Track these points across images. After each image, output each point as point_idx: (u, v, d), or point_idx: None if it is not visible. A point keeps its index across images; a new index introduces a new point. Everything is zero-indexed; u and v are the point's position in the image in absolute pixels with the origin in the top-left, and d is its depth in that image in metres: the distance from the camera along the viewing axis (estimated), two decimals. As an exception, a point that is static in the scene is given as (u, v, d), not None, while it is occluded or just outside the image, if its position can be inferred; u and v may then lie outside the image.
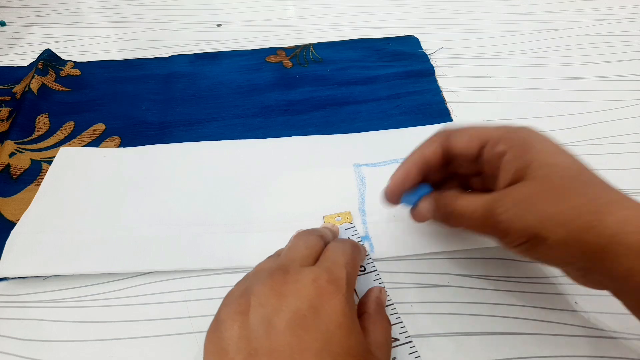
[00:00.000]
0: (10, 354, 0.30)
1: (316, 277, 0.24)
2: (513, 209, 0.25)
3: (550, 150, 0.26)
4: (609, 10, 0.60)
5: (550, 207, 0.24)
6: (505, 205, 0.25)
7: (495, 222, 0.26)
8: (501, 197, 0.26)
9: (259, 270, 0.27)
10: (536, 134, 0.28)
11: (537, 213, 0.24)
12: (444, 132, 0.31)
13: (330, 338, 0.22)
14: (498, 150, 0.28)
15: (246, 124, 0.45)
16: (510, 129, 0.28)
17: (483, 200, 0.27)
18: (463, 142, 0.29)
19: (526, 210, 0.25)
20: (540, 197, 0.25)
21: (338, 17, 0.61)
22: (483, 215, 0.26)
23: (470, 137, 0.29)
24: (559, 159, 0.26)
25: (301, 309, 0.23)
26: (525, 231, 0.25)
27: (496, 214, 0.25)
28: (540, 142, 0.27)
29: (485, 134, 0.29)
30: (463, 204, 0.28)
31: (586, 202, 0.24)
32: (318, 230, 0.30)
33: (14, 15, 0.62)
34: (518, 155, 0.26)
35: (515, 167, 0.26)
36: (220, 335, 0.23)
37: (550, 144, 0.27)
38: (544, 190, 0.25)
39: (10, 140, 0.42)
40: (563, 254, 0.25)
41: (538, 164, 0.26)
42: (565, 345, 0.29)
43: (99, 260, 0.34)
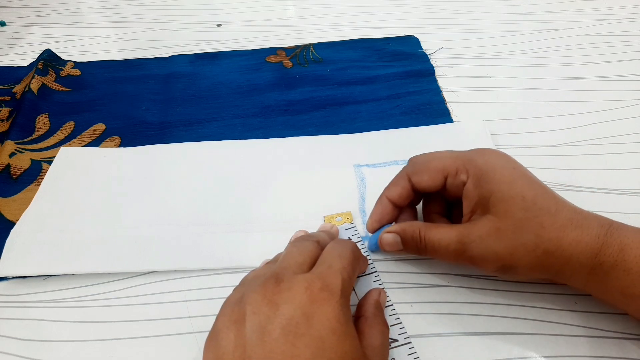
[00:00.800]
0: (10, 354, 0.30)
1: (309, 284, 0.24)
2: (482, 242, 0.28)
3: (507, 180, 0.28)
4: (609, 10, 0.60)
5: (516, 240, 0.27)
6: (474, 240, 0.28)
7: (468, 256, 0.28)
8: (470, 233, 0.28)
9: (254, 277, 0.27)
10: (493, 158, 0.30)
11: (504, 247, 0.27)
12: (404, 173, 0.32)
13: (324, 344, 0.22)
14: (459, 180, 0.30)
15: (246, 124, 0.45)
16: (468, 157, 0.30)
17: (454, 235, 0.29)
18: (425, 180, 0.31)
19: (494, 244, 0.27)
20: (504, 232, 0.27)
21: (338, 17, 0.61)
22: (456, 249, 0.29)
23: (431, 173, 0.31)
24: (516, 190, 0.28)
25: (294, 317, 0.23)
26: (496, 262, 0.28)
27: (468, 249, 0.28)
28: (497, 171, 0.29)
29: (445, 166, 0.30)
30: (436, 237, 0.29)
31: (544, 231, 0.27)
32: (314, 236, 0.30)
33: (14, 15, 0.62)
34: (477, 185, 0.29)
35: (476, 196, 0.29)
36: (217, 344, 0.23)
37: (506, 172, 0.29)
38: (507, 225, 0.27)
39: (11, 141, 0.42)
40: (532, 275, 0.28)
41: (498, 196, 0.28)
42: (565, 345, 0.29)
43: (99, 260, 0.34)
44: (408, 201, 0.33)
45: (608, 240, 0.26)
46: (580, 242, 0.26)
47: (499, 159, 0.30)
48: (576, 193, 0.38)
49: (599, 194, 0.38)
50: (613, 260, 0.26)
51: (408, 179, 0.32)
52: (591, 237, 0.26)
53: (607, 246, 0.26)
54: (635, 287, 0.25)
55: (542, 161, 0.40)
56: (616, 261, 0.25)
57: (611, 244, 0.26)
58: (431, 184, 0.31)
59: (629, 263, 0.25)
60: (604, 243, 0.26)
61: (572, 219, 0.27)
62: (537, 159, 0.40)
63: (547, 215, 0.27)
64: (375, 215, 0.33)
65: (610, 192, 0.38)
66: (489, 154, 0.30)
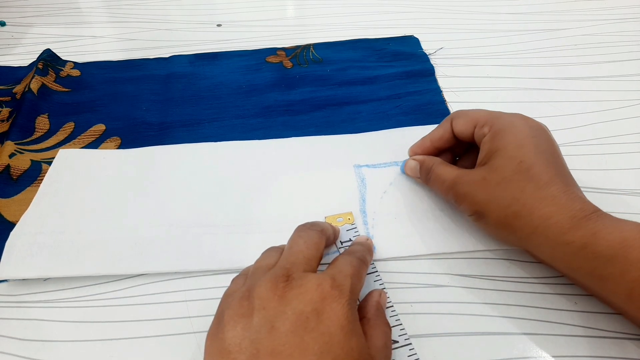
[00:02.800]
0: (10, 354, 0.30)
1: (320, 282, 0.24)
2: (468, 186, 0.31)
3: (517, 142, 0.30)
4: (609, 10, 0.60)
5: (494, 192, 0.29)
6: (464, 182, 0.31)
7: (454, 193, 0.32)
8: (464, 175, 0.32)
9: (260, 268, 0.27)
10: (518, 121, 0.32)
11: (483, 195, 0.30)
12: (449, 117, 0.36)
13: (332, 340, 0.23)
14: (483, 131, 0.32)
15: (246, 125, 0.45)
16: (498, 115, 0.33)
17: (453, 174, 0.32)
18: (460, 124, 0.34)
19: (476, 189, 0.30)
20: (488, 182, 0.30)
21: (338, 17, 0.61)
22: (449, 185, 0.32)
23: (466, 120, 0.34)
24: (519, 153, 0.30)
25: (304, 312, 0.23)
26: (473, 206, 0.31)
27: (456, 188, 0.32)
28: (513, 132, 0.31)
29: (478, 118, 0.33)
30: (439, 172, 0.34)
31: (522, 195, 0.28)
32: (318, 225, 0.30)
33: (14, 15, 0.62)
34: (493, 139, 0.31)
35: (487, 148, 0.31)
36: (223, 337, 0.23)
37: (522, 136, 0.30)
38: (493, 178, 0.30)
39: (11, 141, 0.42)
40: (500, 232, 0.31)
41: (501, 153, 0.30)
42: (565, 345, 0.29)
43: (99, 261, 0.34)
44: (447, 145, 0.36)
45: (583, 223, 0.27)
46: (551, 218, 0.27)
47: (524, 125, 0.31)
48: (576, 193, 0.38)
49: (599, 194, 0.38)
50: (583, 242, 0.26)
51: (450, 122, 0.35)
52: (565, 216, 0.27)
53: (578, 228, 0.27)
54: (604, 269, 0.26)
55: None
56: (586, 244, 0.26)
57: (585, 227, 0.27)
58: (463, 129, 0.34)
59: (599, 246, 0.26)
60: (575, 225, 0.27)
61: (555, 197, 0.28)
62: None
63: (532, 185, 0.28)
64: (414, 147, 0.38)
65: (610, 192, 0.38)
66: (519, 118, 0.32)
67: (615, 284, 0.26)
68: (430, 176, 0.34)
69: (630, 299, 0.25)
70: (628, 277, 0.25)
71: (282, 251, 0.28)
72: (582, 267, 0.27)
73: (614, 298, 0.27)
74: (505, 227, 0.29)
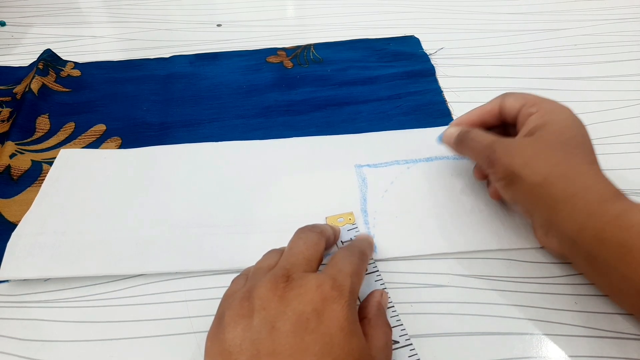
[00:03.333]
0: (10, 354, 0.30)
1: (320, 283, 0.24)
2: (507, 149, 0.31)
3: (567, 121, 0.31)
4: (609, 10, 0.60)
5: (536, 157, 0.29)
6: (503, 145, 0.31)
7: (490, 153, 0.31)
8: (504, 140, 0.32)
9: (260, 269, 0.27)
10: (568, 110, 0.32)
11: (523, 157, 0.30)
12: (502, 95, 0.36)
13: (332, 340, 0.23)
14: (530, 110, 0.33)
15: (247, 125, 0.45)
16: (548, 100, 0.33)
17: (491, 137, 0.33)
18: (510, 101, 0.34)
19: (516, 153, 0.30)
20: (531, 149, 0.30)
21: (338, 17, 0.61)
22: (485, 146, 0.32)
23: (516, 99, 0.34)
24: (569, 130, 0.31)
25: (305, 313, 0.23)
26: (508, 168, 0.30)
27: (493, 149, 0.31)
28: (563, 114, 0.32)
29: (528, 98, 0.34)
30: (477, 134, 0.34)
31: (566, 163, 0.29)
32: (319, 227, 0.30)
33: (14, 15, 0.62)
34: (541, 116, 0.32)
35: (534, 123, 0.32)
36: (223, 337, 0.23)
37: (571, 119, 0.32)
38: (539, 145, 0.30)
39: (11, 141, 0.42)
40: (532, 198, 0.30)
41: (549, 128, 0.31)
42: (565, 345, 0.29)
43: (100, 261, 0.34)
44: (492, 120, 0.36)
45: (620, 197, 0.28)
46: (593, 187, 0.28)
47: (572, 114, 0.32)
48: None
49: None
50: (618, 212, 0.26)
51: (501, 98, 0.35)
52: (604, 188, 0.28)
53: (616, 199, 0.27)
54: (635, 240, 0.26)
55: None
56: (621, 213, 0.26)
57: (622, 200, 0.27)
58: (513, 105, 0.34)
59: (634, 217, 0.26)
60: (613, 197, 0.27)
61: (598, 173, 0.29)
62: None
63: (579, 157, 0.29)
64: (460, 118, 0.37)
65: (611, 192, 0.38)
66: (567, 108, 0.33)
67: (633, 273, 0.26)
68: (466, 138, 0.34)
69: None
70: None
71: (283, 253, 0.28)
72: (612, 238, 0.26)
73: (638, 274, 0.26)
74: (540, 192, 0.29)
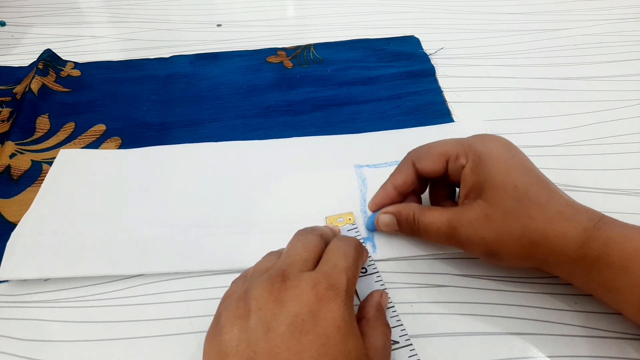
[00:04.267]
0: (10, 354, 0.30)
1: (315, 283, 0.24)
2: (470, 227, 0.29)
3: (502, 168, 0.29)
4: (609, 10, 0.60)
5: (503, 228, 0.28)
6: (464, 224, 0.29)
7: (457, 239, 0.30)
8: (460, 216, 0.30)
9: (258, 270, 0.27)
10: (493, 145, 0.31)
11: (491, 233, 0.28)
12: (409, 159, 0.33)
13: (328, 341, 0.22)
14: (458, 164, 0.31)
15: (247, 125, 0.45)
16: (469, 142, 0.31)
17: (445, 218, 0.30)
18: (427, 165, 0.32)
19: (482, 229, 0.29)
20: (493, 219, 0.28)
21: (338, 17, 0.61)
22: (446, 232, 0.30)
23: (433, 158, 0.32)
24: (509, 178, 0.29)
25: (300, 314, 0.23)
26: (482, 247, 0.29)
27: (457, 232, 0.30)
28: (494, 158, 0.30)
29: (447, 151, 0.32)
30: (428, 221, 0.31)
31: (532, 222, 0.27)
32: (318, 229, 0.30)
33: (14, 15, 0.62)
34: (474, 170, 0.30)
35: (472, 181, 0.30)
36: (220, 339, 0.23)
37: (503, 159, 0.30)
38: (496, 213, 0.28)
39: (11, 141, 0.42)
40: (516, 263, 0.30)
41: (491, 183, 0.29)
42: (565, 345, 0.29)
43: (100, 262, 0.34)
44: (412, 188, 0.34)
45: (594, 234, 0.27)
46: (566, 235, 0.27)
47: (498, 146, 0.31)
48: (576, 193, 0.38)
49: (599, 194, 0.38)
50: (597, 253, 0.26)
51: (412, 165, 0.33)
52: (578, 230, 0.27)
53: (592, 239, 0.26)
54: (616, 280, 0.26)
55: (542, 161, 0.40)
56: (600, 255, 0.26)
57: (597, 238, 0.26)
58: (434, 167, 0.32)
59: (612, 257, 0.26)
60: (589, 236, 0.27)
61: (561, 212, 0.28)
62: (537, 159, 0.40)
63: (537, 207, 0.28)
64: (377, 198, 0.34)
65: (610, 192, 0.38)
66: (490, 140, 0.31)
67: (627, 295, 0.26)
68: (419, 227, 0.32)
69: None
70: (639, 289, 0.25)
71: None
72: (596, 279, 0.27)
73: (626, 310, 0.27)
74: (522, 257, 0.28)
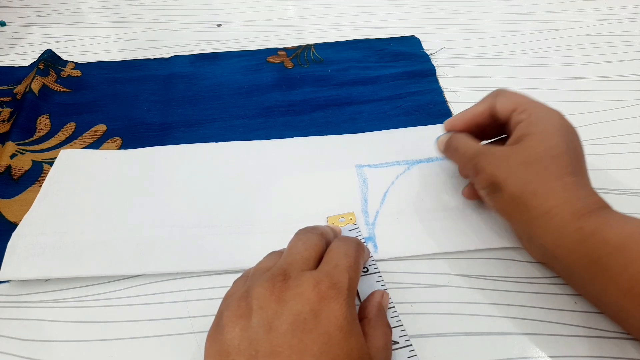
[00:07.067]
0: (10, 354, 0.30)
1: (317, 282, 0.24)
2: (491, 158, 0.31)
3: (550, 131, 0.31)
4: (609, 10, 0.60)
5: (517, 168, 0.30)
6: (487, 155, 0.31)
7: (475, 163, 0.32)
8: (489, 149, 0.32)
9: (259, 270, 0.27)
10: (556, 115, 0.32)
11: (505, 168, 0.30)
12: (494, 93, 0.35)
13: (330, 340, 0.22)
14: (520, 117, 0.32)
15: (247, 125, 0.45)
16: (539, 105, 0.33)
17: (477, 147, 0.33)
18: (502, 103, 0.34)
19: (498, 162, 0.31)
20: (513, 158, 0.30)
21: (339, 17, 0.61)
22: (471, 155, 0.33)
23: (508, 101, 0.34)
24: (551, 140, 0.30)
25: (302, 313, 0.23)
26: (491, 177, 0.30)
27: (478, 158, 0.32)
28: (550, 123, 0.31)
29: (519, 102, 0.33)
30: (462, 142, 0.34)
31: (544, 177, 0.29)
32: (318, 228, 0.30)
33: (14, 15, 0.62)
34: (528, 125, 0.31)
35: (521, 132, 0.31)
36: (222, 338, 0.23)
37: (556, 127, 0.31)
38: (521, 156, 0.30)
39: (12, 142, 0.42)
40: (511, 210, 0.30)
41: (533, 137, 0.30)
42: (565, 345, 0.29)
43: (101, 262, 0.34)
44: (485, 121, 0.35)
45: (595, 211, 0.27)
46: (568, 202, 0.28)
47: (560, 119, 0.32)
48: (576, 193, 0.38)
49: (599, 194, 0.37)
50: (592, 229, 0.27)
51: (493, 98, 0.35)
52: (580, 204, 0.28)
53: (590, 215, 0.27)
54: (610, 258, 0.26)
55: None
56: (595, 231, 0.26)
57: (597, 215, 0.27)
58: (505, 107, 0.33)
59: (609, 234, 0.26)
60: (589, 212, 0.27)
61: (574, 186, 0.28)
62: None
63: (557, 170, 0.29)
64: (453, 118, 0.37)
65: (610, 192, 0.38)
66: (556, 113, 0.32)
67: (617, 277, 0.26)
68: (453, 145, 0.35)
69: (628, 295, 0.25)
70: (631, 270, 0.25)
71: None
72: (588, 255, 0.27)
73: (612, 292, 0.26)
74: (518, 203, 0.29)
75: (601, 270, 0.26)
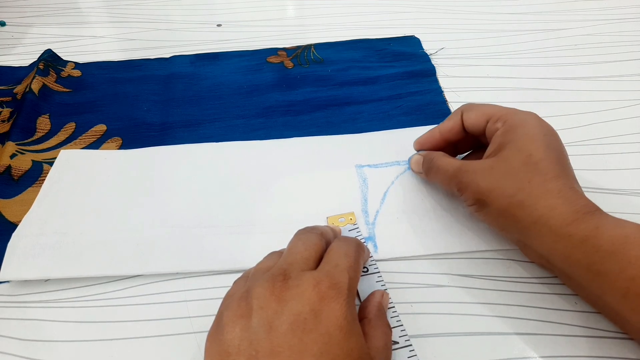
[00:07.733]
0: (10, 354, 0.30)
1: (317, 282, 0.24)
2: (473, 174, 0.31)
3: (527, 137, 0.30)
4: (609, 10, 0.60)
5: (500, 181, 0.29)
6: (469, 171, 0.31)
7: (458, 182, 0.32)
8: (468, 165, 0.32)
9: (259, 270, 0.27)
10: (531, 119, 0.32)
11: (487, 183, 0.30)
12: (459, 109, 0.35)
13: (331, 340, 0.22)
14: (496, 126, 0.32)
15: (247, 125, 0.45)
16: (513, 111, 0.33)
17: (457, 164, 0.32)
18: (472, 117, 0.34)
19: (481, 178, 0.30)
20: (495, 172, 0.30)
21: (339, 17, 0.61)
22: (452, 174, 0.32)
23: (479, 113, 0.34)
24: (529, 146, 0.30)
25: (302, 313, 0.23)
26: (476, 194, 0.30)
27: (459, 176, 0.32)
28: (526, 128, 0.31)
29: (492, 113, 0.33)
30: (441, 162, 0.34)
31: (528, 186, 0.28)
32: (318, 228, 0.30)
33: (14, 15, 0.62)
34: (504, 133, 0.31)
35: (498, 142, 0.31)
36: (222, 338, 0.23)
37: (534, 132, 0.31)
38: (501, 167, 0.30)
39: (12, 142, 0.42)
40: (500, 222, 0.30)
41: (511, 146, 0.30)
42: (565, 345, 0.29)
43: (101, 262, 0.34)
44: (456, 137, 0.36)
45: (586, 217, 0.27)
46: (555, 209, 0.27)
47: (534, 121, 0.32)
48: (576, 193, 0.38)
49: (599, 194, 0.38)
50: (584, 235, 0.26)
51: (461, 115, 0.35)
52: (569, 210, 0.27)
53: (581, 221, 0.27)
54: (603, 264, 0.26)
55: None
56: (587, 237, 0.26)
57: (587, 221, 0.27)
58: (476, 123, 0.34)
59: (601, 240, 0.26)
60: (579, 218, 0.27)
61: (561, 190, 0.28)
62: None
63: (540, 177, 0.29)
64: (422, 138, 0.37)
65: (610, 192, 0.38)
66: (530, 115, 0.32)
67: (613, 281, 0.26)
68: (432, 166, 0.35)
69: (625, 298, 0.25)
70: (626, 274, 0.25)
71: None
72: (581, 261, 0.27)
73: (609, 296, 0.26)
74: (507, 217, 0.29)
75: (596, 275, 0.26)
